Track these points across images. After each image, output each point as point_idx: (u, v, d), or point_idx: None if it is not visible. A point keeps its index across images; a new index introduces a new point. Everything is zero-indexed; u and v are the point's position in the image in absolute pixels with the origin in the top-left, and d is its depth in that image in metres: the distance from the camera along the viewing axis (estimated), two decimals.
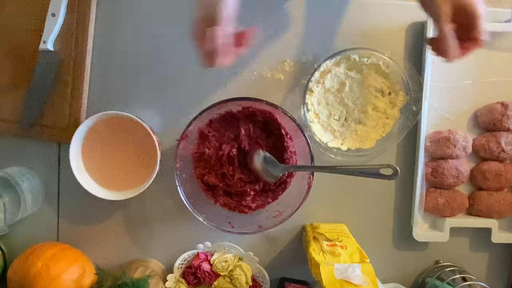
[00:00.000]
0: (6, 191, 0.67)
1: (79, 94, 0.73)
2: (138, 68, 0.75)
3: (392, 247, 0.80)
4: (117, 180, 0.71)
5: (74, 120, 0.73)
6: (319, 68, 0.72)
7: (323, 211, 0.78)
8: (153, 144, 0.68)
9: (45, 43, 0.71)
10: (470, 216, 0.78)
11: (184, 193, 0.68)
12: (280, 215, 0.70)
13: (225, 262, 0.73)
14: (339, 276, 0.60)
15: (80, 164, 0.70)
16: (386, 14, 0.76)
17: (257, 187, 0.71)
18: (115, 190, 0.71)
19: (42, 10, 0.72)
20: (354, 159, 0.77)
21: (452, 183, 0.75)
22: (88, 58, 0.73)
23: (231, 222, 0.70)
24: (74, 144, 0.68)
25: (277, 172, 0.70)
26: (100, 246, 0.77)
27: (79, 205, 0.76)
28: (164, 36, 0.75)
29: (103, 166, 0.71)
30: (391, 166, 0.60)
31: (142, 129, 0.69)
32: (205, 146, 0.71)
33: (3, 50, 0.73)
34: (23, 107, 0.73)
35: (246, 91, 0.76)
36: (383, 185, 0.78)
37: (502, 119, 0.73)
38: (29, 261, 0.65)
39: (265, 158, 0.70)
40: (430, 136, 0.76)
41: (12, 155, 0.76)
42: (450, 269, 0.77)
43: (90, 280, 0.69)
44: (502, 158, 0.75)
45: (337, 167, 0.65)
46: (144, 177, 0.70)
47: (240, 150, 0.72)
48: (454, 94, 0.77)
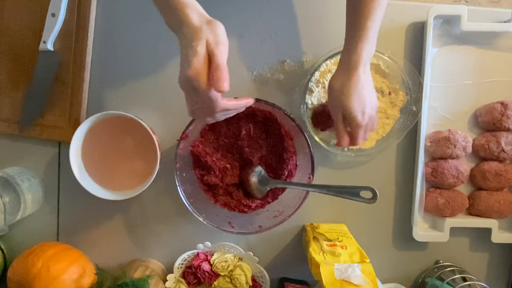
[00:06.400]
0: (6, 191, 0.68)
1: (79, 94, 0.73)
2: (138, 68, 0.75)
3: (392, 247, 0.80)
4: (117, 180, 0.71)
5: (74, 120, 0.73)
6: (319, 68, 0.72)
7: (323, 211, 0.78)
8: (153, 144, 0.68)
9: (45, 43, 0.71)
10: (470, 216, 0.78)
11: (184, 193, 0.68)
12: (280, 215, 0.70)
13: (225, 262, 0.73)
14: (339, 276, 0.60)
15: (80, 164, 0.70)
16: (386, 14, 0.75)
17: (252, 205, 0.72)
18: (115, 190, 0.71)
19: (42, 10, 0.72)
20: (354, 159, 0.77)
21: (452, 183, 0.75)
22: (88, 58, 0.73)
23: (231, 222, 0.70)
24: (74, 144, 0.68)
25: (266, 189, 0.71)
26: (100, 246, 0.77)
27: (79, 205, 0.76)
28: (164, 36, 0.75)
29: (103, 166, 0.71)
30: (371, 189, 0.62)
31: (142, 129, 0.69)
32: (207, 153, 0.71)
33: (3, 50, 0.74)
34: (23, 107, 0.73)
35: (246, 91, 0.76)
36: (383, 185, 0.78)
37: (502, 119, 0.73)
38: (29, 261, 0.65)
39: (260, 174, 0.71)
40: (430, 136, 0.76)
41: (12, 155, 0.76)
42: (450, 269, 0.77)
43: (90, 280, 0.69)
44: (502, 158, 0.75)
45: (317, 185, 0.67)
46: (144, 177, 0.70)
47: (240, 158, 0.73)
48: (454, 94, 0.77)
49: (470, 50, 0.77)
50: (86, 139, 0.70)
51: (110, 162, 0.71)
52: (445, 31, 0.76)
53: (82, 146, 0.70)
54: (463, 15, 0.72)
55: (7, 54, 0.73)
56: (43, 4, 0.72)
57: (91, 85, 0.75)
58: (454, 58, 0.77)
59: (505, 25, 0.74)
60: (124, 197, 0.70)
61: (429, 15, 0.72)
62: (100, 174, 0.71)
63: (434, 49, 0.75)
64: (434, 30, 0.73)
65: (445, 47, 0.76)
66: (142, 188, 0.69)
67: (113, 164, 0.71)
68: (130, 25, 0.75)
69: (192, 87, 0.50)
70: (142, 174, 0.70)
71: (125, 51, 0.75)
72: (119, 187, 0.71)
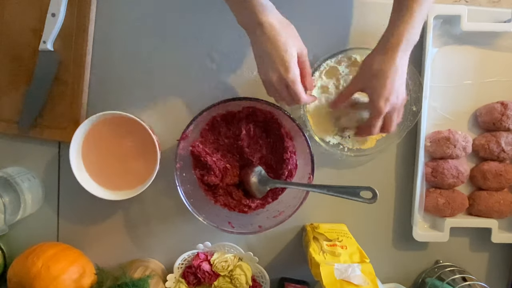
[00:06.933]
0: (6, 191, 0.68)
1: (79, 94, 0.73)
2: (138, 68, 0.75)
3: (392, 247, 0.80)
4: (117, 180, 0.71)
5: (74, 120, 0.73)
6: (319, 68, 0.72)
7: (323, 211, 0.78)
8: (153, 144, 0.68)
9: (45, 43, 0.71)
10: (470, 216, 0.78)
11: (184, 193, 0.68)
12: (280, 215, 0.70)
13: (225, 262, 0.73)
14: (339, 276, 0.60)
15: (80, 164, 0.70)
16: (386, 14, 0.76)
17: (251, 204, 0.72)
18: (115, 190, 0.71)
19: (42, 10, 0.72)
20: (354, 159, 0.77)
21: (452, 183, 0.75)
22: (88, 58, 0.73)
23: (231, 222, 0.70)
24: (74, 144, 0.68)
25: (266, 189, 0.71)
26: (100, 246, 0.77)
27: (79, 205, 0.76)
28: (165, 36, 0.75)
29: (103, 166, 0.71)
30: (371, 189, 0.62)
31: (142, 129, 0.69)
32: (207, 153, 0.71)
33: (3, 50, 0.73)
34: (23, 107, 0.73)
35: (246, 91, 0.76)
36: (383, 185, 0.78)
37: (502, 119, 0.73)
38: (29, 261, 0.65)
39: (260, 174, 0.71)
40: (430, 136, 0.76)
41: (12, 155, 0.76)
42: (450, 269, 0.77)
43: (90, 280, 0.69)
44: (502, 158, 0.75)
45: (317, 185, 0.66)
46: (144, 177, 0.70)
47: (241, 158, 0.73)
48: (454, 94, 0.77)
49: (470, 50, 0.77)
50: (86, 139, 0.70)
51: (110, 162, 0.71)
52: (445, 31, 0.76)
53: (82, 146, 0.70)
54: (463, 15, 0.72)
55: (7, 54, 0.73)
56: (43, 4, 0.72)
57: (91, 85, 0.75)
58: (454, 58, 0.77)
59: (505, 25, 0.74)
60: (124, 197, 0.69)
61: (429, 15, 0.72)
62: (100, 174, 0.71)
63: (434, 49, 0.75)
64: (434, 30, 0.73)
65: (445, 47, 0.76)
66: (142, 188, 0.69)
67: (113, 164, 0.71)
68: (130, 25, 0.75)
69: (285, 84, 0.59)
70: (142, 174, 0.70)
71: (125, 51, 0.75)
72: (119, 187, 0.71)
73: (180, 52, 0.75)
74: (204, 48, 0.75)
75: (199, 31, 0.75)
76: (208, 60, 0.76)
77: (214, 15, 0.75)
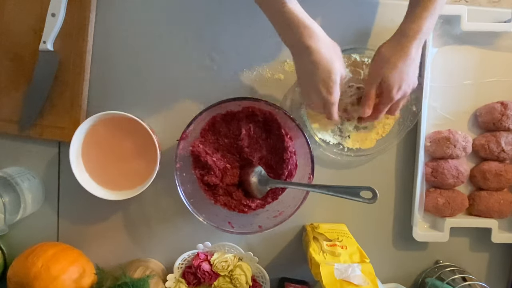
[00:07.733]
0: (6, 191, 0.68)
1: (79, 94, 0.73)
2: (138, 68, 0.75)
3: (392, 247, 0.80)
4: (117, 180, 0.71)
5: (74, 120, 0.73)
6: None
7: (323, 211, 0.78)
8: (153, 144, 0.68)
9: (45, 43, 0.71)
10: (470, 216, 0.78)
11: (184, 193, 0.68)
12: (280, 215, 0.70)
13: (225, 262, 0.73)
14: (339, 276, 0.60)
15: (80, 164, 0.70)
16: (386, 14, 0.76)
17: (252, 205, 0.72)
18: (115, 190, 0.71)
19: (42, 10, 0.72)
20: (354, 159, 0.77)
21: (452, 183, 0.75)
22: (88, 58, 0.73)
23: (231, 222, 0.70)
24: (74, 144, 0.68)
25: (266, 189, 0.71)
26: (100, 246, 0.77)
27: (79, 205, 0.76)
28: (165, 36, 0.75)
29: (103, 166, 0.71)
30: (371, 189, 0.62)
31: (142, 129, 0.69)
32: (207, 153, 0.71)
33: (3, 50, 0.73)
34: (23, 107, 0.73)
35: (246, 91, 0.76)
36: (383, 185, 0.78)
37: (502, 119, 0.73)
38: (29, 261, 0.65)
39: (260, 174, 0.71)
40: (430, 136, 0.76)
41: (12, 155, 0.76)
42: (450, 269, 0.77)
43: (90, 280, 0.69)
44: (502, 158, 0.75)
45: (317, 185, 0.66)
46: (144, 177, 0.70)
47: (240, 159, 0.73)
48: (454, 94, 0.77)
49: (470, 50, 0.77)
50: (86, 139, 0.70)
51: (110, 162, 0.71)
52: (445, 31, 0.76)
53: (82, 146, 0.70)
54: (463, 15, 0.72)
55: (7, 54, 0.73)
56: (43, 4, 0.72)
57: (91, 85, 0.75)
58: (454, 58, 0.77)
59: (505, 25, 0.74)
60: (124, 197, 0.70)
61: None
62: (100, 174, 0.71)
63: (434, 49, 0.75)
64: (434, 30, 0.73)
65: (445, 47, 0.76)
66: (142, 188, 0.69)
67: (113, 164, 0.71)
68: (130, 25, 0.75)
69: (324, 100, 0.62)
70: (142, 174, 0.70)
71: (125, 51, 0.75)
72: (119, 187, 0.71)
73: (180, 52, 0.75)
74: (204, 48, 0.75)
75: (199, 31, 0.75)
76: (208, 60, 0.76)
77: (214, 15, 0.75)
